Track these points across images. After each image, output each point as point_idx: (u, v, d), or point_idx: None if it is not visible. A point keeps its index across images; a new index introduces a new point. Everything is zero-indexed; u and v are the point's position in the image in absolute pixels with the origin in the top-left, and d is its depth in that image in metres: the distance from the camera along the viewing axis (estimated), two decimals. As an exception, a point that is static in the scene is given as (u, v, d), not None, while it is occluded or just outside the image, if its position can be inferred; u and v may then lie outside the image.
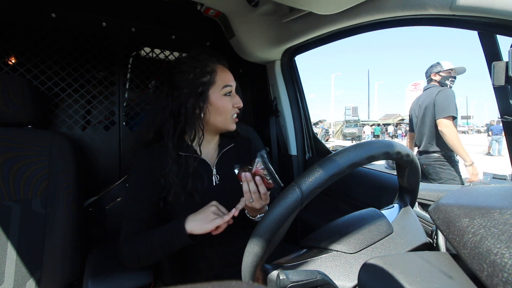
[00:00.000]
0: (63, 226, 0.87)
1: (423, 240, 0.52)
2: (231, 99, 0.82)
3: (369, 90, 45.76)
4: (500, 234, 0.28)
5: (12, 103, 0.86)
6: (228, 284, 0.15)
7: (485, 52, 0.73)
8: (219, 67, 0.82)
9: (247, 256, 0.43)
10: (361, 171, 1.19)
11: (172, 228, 0.69)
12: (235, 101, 0.82)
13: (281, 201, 0.41)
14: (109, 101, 1.24)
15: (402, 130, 23.23)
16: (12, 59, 1.11)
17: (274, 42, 1.29)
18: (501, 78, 0.66)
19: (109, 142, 1.23)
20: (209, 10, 1.31)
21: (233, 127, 0.84)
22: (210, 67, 0.80)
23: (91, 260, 0.85)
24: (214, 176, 0.82)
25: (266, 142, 1.50)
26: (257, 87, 1.63)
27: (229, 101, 0.81)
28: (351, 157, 0.43)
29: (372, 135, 21.42)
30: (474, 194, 0.39)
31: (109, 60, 1.24)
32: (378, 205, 0.64)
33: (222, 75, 0.81)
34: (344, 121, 27.86)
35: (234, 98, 0.83)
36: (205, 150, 0.84)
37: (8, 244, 0.81)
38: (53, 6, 1.12)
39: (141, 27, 1.31)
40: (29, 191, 0.86)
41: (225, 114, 0.81)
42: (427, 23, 0.79)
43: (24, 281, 0.81)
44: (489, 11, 0.62)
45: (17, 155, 0.86)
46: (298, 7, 0.99)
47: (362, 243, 0.49)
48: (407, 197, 0.62)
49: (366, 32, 1.01)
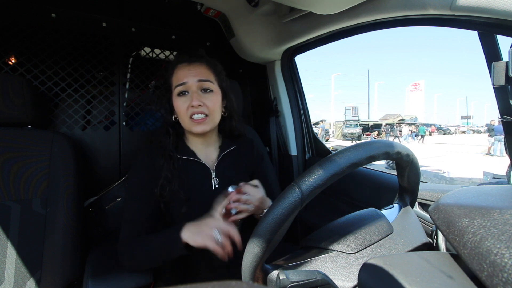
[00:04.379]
0: (63, 226, 0.87)
1: (423, 240, 0.52)
2: (186, 99, 0.75)
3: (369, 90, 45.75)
4: (500, 234, 0.28)
5: (12, 103, 0.86)
6: (228, 284, 0.15)
7: (485, 52, 0.73)
8: (177, 67, 0.77)
9: (247, 256, 0.43)
10: (361, 171, 1.19)
11: (168, 236, 0.67)
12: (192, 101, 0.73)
13: (281, 201, 0.41)
14: (109, 101, 1.24)
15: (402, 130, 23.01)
16: (12, 59, 1.11)
17: (274, 42, 1.29)
18: (501, 78, 0.66)
19: (109, 142, 1.23)
20: (209, 10, 1.31)
21: (197, 130, 0.75)
22: (172, 69, 0.79)
23: (91, 260, 0.85)
24: (214, 179, 0.80)
25: (266, 142, 1.50)
26: (257, 87, 1.63)
27: (183, 102, 0.74)
28: (351, 157, 0.43)
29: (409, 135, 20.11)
30: (474, 194, 0.39)
31: (109, 60, 1.24)
32: (378, 205, 0.64)
33: (177, 74, 0.76)
34: (344, 121, 27.86)
35: (190, 97, 0.74)
36: (204, 153, 0.83)
37: (8, 244, 0.81)
38: (53, 6, 1.12)
39: (141, 27, 1.31)
40: (29, 191, 0.86)
41: (182, 116, 0.76)
42: (427, 23, 0.79)
43: (24, 281, 0.81)
44: (489, 11, 0.62)
45: (17, 155, 0.86)
46: (298, 7, 0.99)
47: (362, 243, 0.49)
48: (407, 197, 0.62)
49: (366, 32, 1.01)
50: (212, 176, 0.80)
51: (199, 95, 0.75)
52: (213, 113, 0.77)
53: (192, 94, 0.75)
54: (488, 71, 0.70)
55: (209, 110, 0.75)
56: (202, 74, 0.76)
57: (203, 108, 0.74)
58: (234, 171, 0.85)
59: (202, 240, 0.61)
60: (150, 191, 0.75)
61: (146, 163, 0.77)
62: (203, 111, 0.75)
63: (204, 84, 0.76)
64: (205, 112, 0.75)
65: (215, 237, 0.61)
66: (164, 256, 0.68)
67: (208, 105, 0.75)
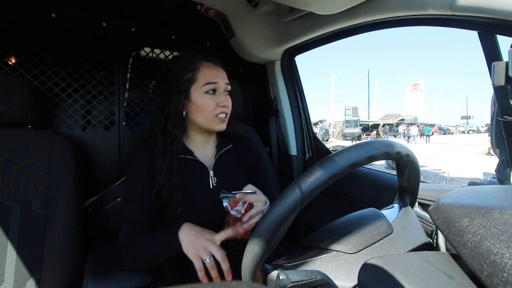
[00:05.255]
0: (63, 226, 0.87)
1: (423, 240, 0.52)
2: (214, 98, 0.78)
3: (369, 90, 45.77)
4: (500, 234, 0.28)
5: (12, 103, 0.86)
6: (228, 284, 0.15)
7: (485, 52, 0.73)
8: (204, 65, 0.79)
9: (247, 256, 0.43)
10: (361, 171, 1.19)
11: (167, 235, 0.67)
12: (220, 100, 0.78)
13: (281, 201, 0.41)
14: (109, 101, 1.24)
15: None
16: (12, 59, 1.11)
17: (274, 42, 1.29)
18: (501, 78, 0.66)
19: (109, 142, 1.23)
20: (209, 10, 1.31)
21: (218, 128, 0.80)
22: (194, 65, 0.78)
23: (91, 260, 0.85)
24: (211, 178, 0.81)
25: (266, 142, 1.50)
26: (257, 87, 1.63)
27: (211, 100, 0.77)
28: (351, 157, 0.43)
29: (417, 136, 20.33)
30: (474, 194, 0.39)
31: (109, 60, 1.24)
32: (378, 205, 0.64)
33: (205, 72, 0.78)
34: (344, 121, 27.88)
35: (219, 97, 0.78)
36: (202, 152, 0.84)
37: (8, 244, 0.81)
38: (53, 6, 1.12)
39: (141, 27, 1.31)
40: (29, 191, 0.86)
41: (206, 113, 0.78)
42: (427, 23, 0.79)
43: (24, 281, 0.81)
44: (489, 11, 0.62)
45: (17, 155, 0.86)
46: (298, 7, 0.99)
47: (362, 243, 0.49)
48: (407, 197, 0.62)
49: (366, 32, 1.01)
50: (210, 175, 0.81)
51: (225, 96, 0.81)
52: (230, 114, 0.83)
53: (220, 95, 0.80)
54: (488, 71, 0.70)
55: (230, 112, 0.82)
56: (226, 77, 0.83)
57: (227, 109, 0.81)
58: (231, 170, 0.85)
59: (192, 253, 0.62)
60: (149, 191, 0.75)
61: (144, 162, 0.77)
62: (227, 112, 0.81)
63: (228, 87, 0.82)
64: (228, 112, 0.81)
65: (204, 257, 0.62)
66: (163, 255, 0.68)
67: (230, 107, 0.82)
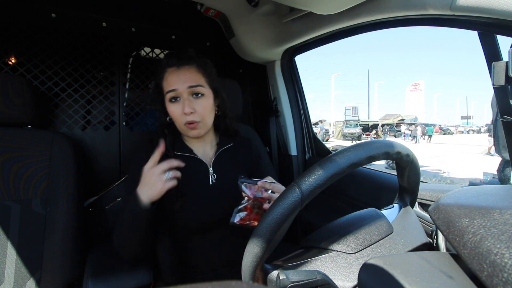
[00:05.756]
0: (63, 226, 0.87)
1: (423, 240, 0.52)
2: (179, 105, 0.74)
3: (369, 90, 45.77)
4: (500, 234, 0.28)
5: (12, 103, 0.86)
6: (228, 284, 0.15)
7: (485, 52, 0.73)
8: (167, 71, 0.76)
9: (247, 256, 0.43)
10: (361, 171, 1.19)
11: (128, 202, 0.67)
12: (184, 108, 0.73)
13: (281, 201, 0.41)
14: (109, 101, 1.24)
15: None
16: (12, 59, 1.11)
17: (274, 42, 1.29)
18: (501, 78, 0.66)
19: (109, 142, 1.23)
20: (209, 10, 1.31)
21: (192, 134, 0.77)
22: (161, 74, 0.77)
23: (91, 260, 0.85)
24: (211, 175, 0.81)
25: (266, 142, 1.50)
26: (257, 87, 1.63)
27: (176, 108, 0.74)
28: (351, 157, 0.43)
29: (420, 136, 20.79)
30: (474, 194, 0.39)
31: (109, 60, 1.24)
32: (378, 205, 0.64)
33: (168, 79, 0.75)
34: (344, 121, 27.88)
35: (182, 104, 0.74)
36: (201, 149, 0.84)
37: (8, 244, 0.81)
38: (53, 6, 1.12)
39: (141, 27, 1.31)
40: (29, 191, 0.86)
41: (177, 122, 0.76)
42: (427, 23, 0.79)
43: (24, 281, 0.81)
44: (489, 11, 0.62)
45: (17, 155, 0.86)
46: (298, 7, 0.99)
47: (362, 243, 0.49)
48: (407, 197, 0.62)
49: (366, 32, 1.01)
50: (209, 172, 0.81)
51: (190, 101, 0.75)
52: (205, 118, 0.77)
53: (183, 101, 0.74)
54: (488, 71, 0.70)
55: (200, 116, 0.76)
56: (192, 79, 0.75)
57: (195, 115, 0.75)
58: (231, 168, 0.85)
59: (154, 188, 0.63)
60: None
61: (143, 161, 0.77)
62: (194, 119, 0.75)
63: (195, 90, 0.75)
64: (197, 119, 0.75)
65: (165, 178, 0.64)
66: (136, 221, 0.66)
67: (199, 111, 0.75)
